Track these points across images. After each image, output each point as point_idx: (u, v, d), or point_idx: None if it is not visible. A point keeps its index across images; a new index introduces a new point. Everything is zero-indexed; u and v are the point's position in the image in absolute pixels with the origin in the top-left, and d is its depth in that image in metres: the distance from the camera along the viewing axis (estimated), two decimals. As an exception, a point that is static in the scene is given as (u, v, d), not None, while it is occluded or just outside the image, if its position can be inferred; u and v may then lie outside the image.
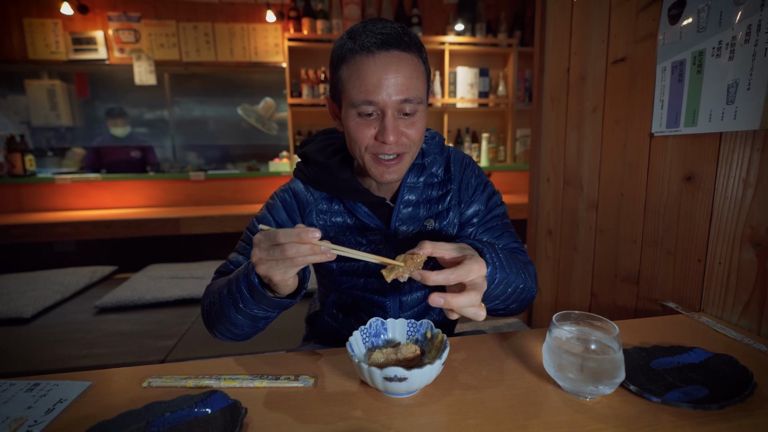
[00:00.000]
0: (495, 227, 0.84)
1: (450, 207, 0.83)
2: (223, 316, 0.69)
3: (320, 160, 0.79)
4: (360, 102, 0.66)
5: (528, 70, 3.41)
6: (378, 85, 0.64)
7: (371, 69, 0.64)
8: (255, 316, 0.66)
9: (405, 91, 0.65)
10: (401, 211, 0.80)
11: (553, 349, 0.56)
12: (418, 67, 0.68)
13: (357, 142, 0.70)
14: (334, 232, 0.81)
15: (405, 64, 0.66)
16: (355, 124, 0.68)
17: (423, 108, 0.70)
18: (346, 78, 0.67)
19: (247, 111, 3.37)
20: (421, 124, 0.71)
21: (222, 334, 0.74)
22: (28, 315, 1.69)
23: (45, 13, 2.96)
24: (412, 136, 0.70)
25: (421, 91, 0.68)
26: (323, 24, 3.02)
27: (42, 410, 0.55)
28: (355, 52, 0.65)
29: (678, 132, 0.91)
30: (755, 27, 0.73)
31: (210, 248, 3.00)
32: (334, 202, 0.81)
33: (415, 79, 0.67)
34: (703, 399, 0.54)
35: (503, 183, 3.38)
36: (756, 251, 0.77)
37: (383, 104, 0.65)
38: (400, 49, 0.65)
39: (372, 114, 0.67)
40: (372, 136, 0.68)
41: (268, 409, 0.54)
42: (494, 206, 0.86)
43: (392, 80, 0.64)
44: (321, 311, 0.91)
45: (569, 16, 1.30)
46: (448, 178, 0.84)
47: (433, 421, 0.52)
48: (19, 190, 2.81)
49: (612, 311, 1.15)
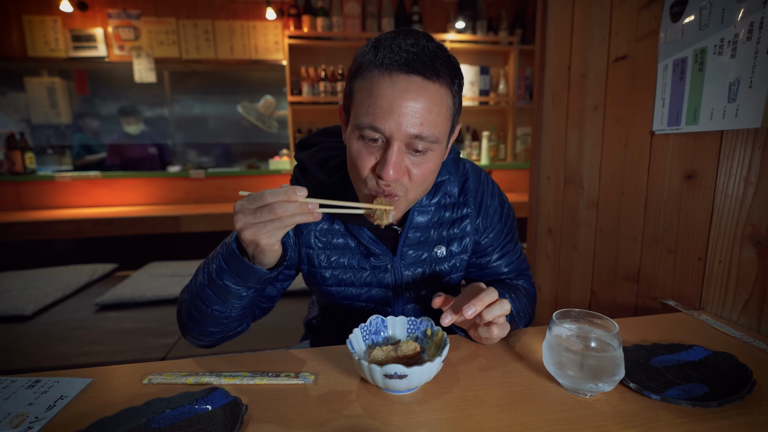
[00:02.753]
0: (510, 253, 0.83)
1: (466, 234, 0.77)
2: (194, 299, 0.64)
3: (321, 178, 0.72)
4: (365, 125, 0.57)
5: (529, 68, 3.40)
6: (388, 112, 0.55)
7: (384, 91, 0.55)
8: (227, 288, 0.60)
9: (419, 126, 0.56)
10: (409, 236, 0.73)
11: (553, 347, 0.56)
12: (443, 101, 0.58)
13: (356, 169, 0.62)
14: (336, 254, 0.75)
15: (426, 95, 0.56)
16: (357, 147, 0.60)
17: (439, 149, 0.61)
18: (357, 92, 0.59)
19: (248, 109, 3.36)
20: (432, 165, 0.61)
21: (192, 330, 0.68)
22: (28, 312, 1.69)
23: (44, 11, 2.95)
24: (416, 176, 0.60)
25: (440, 129, 0.59)
26: (323, 21, 3.01)
27: (43, 407, 0.55)
28: (373, 67, 0.57)
29: (679, 130, 0.91)
30: (757, 25, 0.73)
31: (210, 246, 2.97)
32: (335, 222, 0.74)
33: (435, 114, 0.57)
34: (702, 396, 0.55)
35: (504, 181, 3.38)
36: (756, 249, 0.77)
37: (390, 134, 0.57)
38: (425, 76, 0.55)
39: (378, 140, 0.58)
40: (372, 166, 0.60)
41: (269, 406, 0.55)
42: (510, 230, 0.83)
43: (407, 110, 0.55)
44: (319, 315, 0.91)
45: (570, 14, 1.29)
46: (464, 200, 0.77)
47: (433, 419, 0.52)
48: (20, 187, 2.81)
49: (612, 309, 1.15)
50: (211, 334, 0.68)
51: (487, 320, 0.60)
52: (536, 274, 1.57)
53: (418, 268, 0.76)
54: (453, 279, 0.80)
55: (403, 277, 0.76)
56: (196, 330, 0.68)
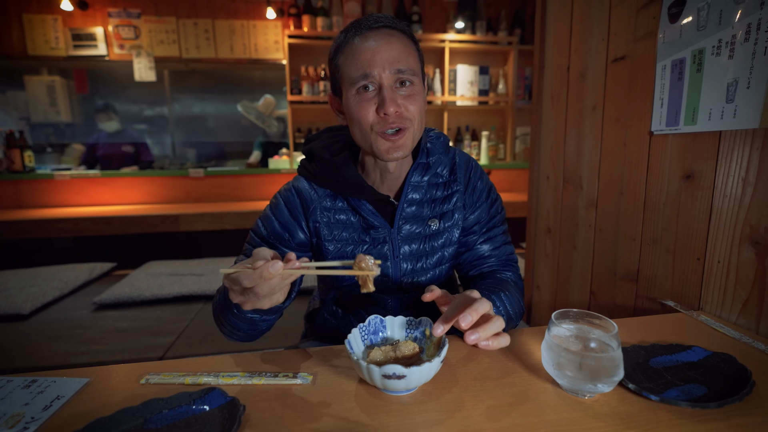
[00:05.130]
0: (495, 238, 0.87)
1: (455, 209, 0.83)
2: (224, 318, 0.69)
3: (325, 156, 0.79)
4: (357, 77, 0.68)
5: (528, 68, 3.40)
6: (372, 59, 0.67)
7: (364, 46, 0.68)
8: (252, 319, 0.66)
9: (398, 62, 0.68)
10: (405, 210, 0.80)
11: (551, 347, 0.56)
12: (409, 45, 0.72)
13: (360, 121, 0.71)
14: (338, 229, 0.81)
15: (396, 39, 0.70)
16: (356, 102, 0.70)
17: (419, 82, 0.72)
18: (343, 63, 0.71)
19: (247, 108, 3.36)
20: (420, 99, 0.72)
21: (228, 335, 0.74)
22: (26, 311, 1.69)
23: (45, 9, 2.94)
24: (412, 110, 0.71)
25: (414, 65, 0.71)
26: (323, 21, 3.01)
27: (39, 407, 0.54)
28: (349, 39, 0.70)
29: (678, 130, 0.91)
30: (755, 26, 0.73)
31: (209, 245, 3.00)
32: (338, 199, 0.82)
33: (406, 54, 0.70)
34: (701, 397, 0.54)
35: (503, 181, 3.38)
36: (755, 250, 0.77)
37: (379, 77, 0.68)
38: (391, 28, 0.70)
39: (369, 87, 0.69)
40: (373, 111, 0.70)
41: (267, 406, 0.54)
42: (496, 213, 0.88)
43: (385, 53, 0.68)
44: (320, 308, 0.91)
45: (569, 14, 1.29)
46: (454, 179, 0.84)
47: (432, 419, 0.52)
48: (18, 186, 2.81)
49: (611, 309, 1.15)
50: (249, 336, 0.73)
51: (483, 340, 0.63)
52: (535, 275, 1.57)
53: (414, 242, 0.82)
54: (447, 252, 0.85)
55: (400, 249, 0.81)
56: (234, 337, 0.74)
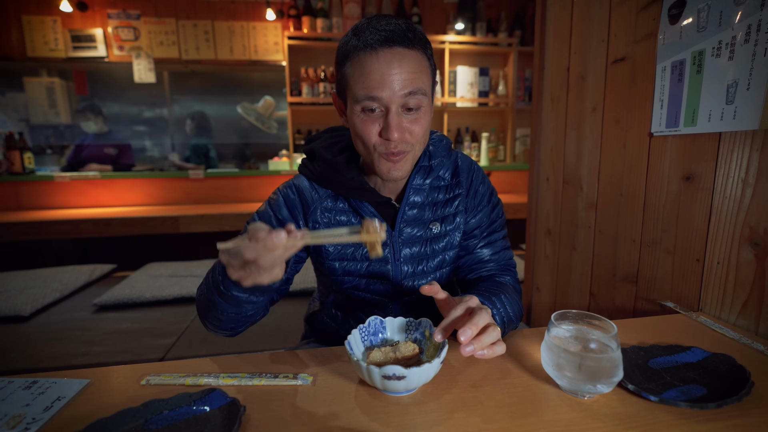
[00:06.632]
0: (495, 242, 0.87)
1: (457, 212, 0.83)
2: (210, 303, 0.67)
3: (327, 157, 0.78)
4: (363, 98, 0.66)
5: (528, 70, 3.41)
6: (381, 82, 0.64)
7: (374, 66, 0.65)
8: (238, 299, 0.63)
9: (408, 84, 0.65)
10: (406, 213, 0.80)
11: (551, 348, 0.56)
12: (422, 63, 0.68)
13: (363, 139, 0.70)
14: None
15: (408, 61, 0.66)
16: (360, 120, 0.69)
17: (427, 102, 0.70)
18: (350, 75, 0.67)
19: (247, 109, 3.36)
20: (425, 120, 0.71)
21: (212, 324, 0.72)
22: (26, 313, 1.68)
23: (44, 11, 2.95)
24: (416, 132, 0.69)
25: (425, 84, 0.68)
26: (323, 22, 3.02)
27: (40, 408, 0.55)
28: (359, 50, 0.66)
29: (677, 132, 0.91)
30: (755, 27, 0.73)
31: (209, 247, 2.97)
32: (339, 200, 0.81)
33: (419, 74, 0.67)
34: (700, 398, 0.55)
35: (503, 182, 3.38)
36: (754, 251, 0.77)
37: (387, 100, 0.65)
38: (404, 46, 0.65)
39: (375, 110, 0.67)
40: (377, 132, 0.68)
41: (267, 407, 0.54)
42: (496, 218, 0.88)
43: (395, 76, 0.65)
44: (320, 311, 0.91)
45: (569, 16, 1.30)
46: (456, 182, 0.84)
47: (432, 420, 0.52)
48: (18, 188, 2.81)
49: (611, 311, 1.16)
50: (231, 328, 0.72)
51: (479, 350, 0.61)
52: (535, 276, 1.57)
53: (415, 245, 0.81)
54: (448, 256, 0.84)
55: (401, 252, 0.80)
56: (216, 325, 0.72)
